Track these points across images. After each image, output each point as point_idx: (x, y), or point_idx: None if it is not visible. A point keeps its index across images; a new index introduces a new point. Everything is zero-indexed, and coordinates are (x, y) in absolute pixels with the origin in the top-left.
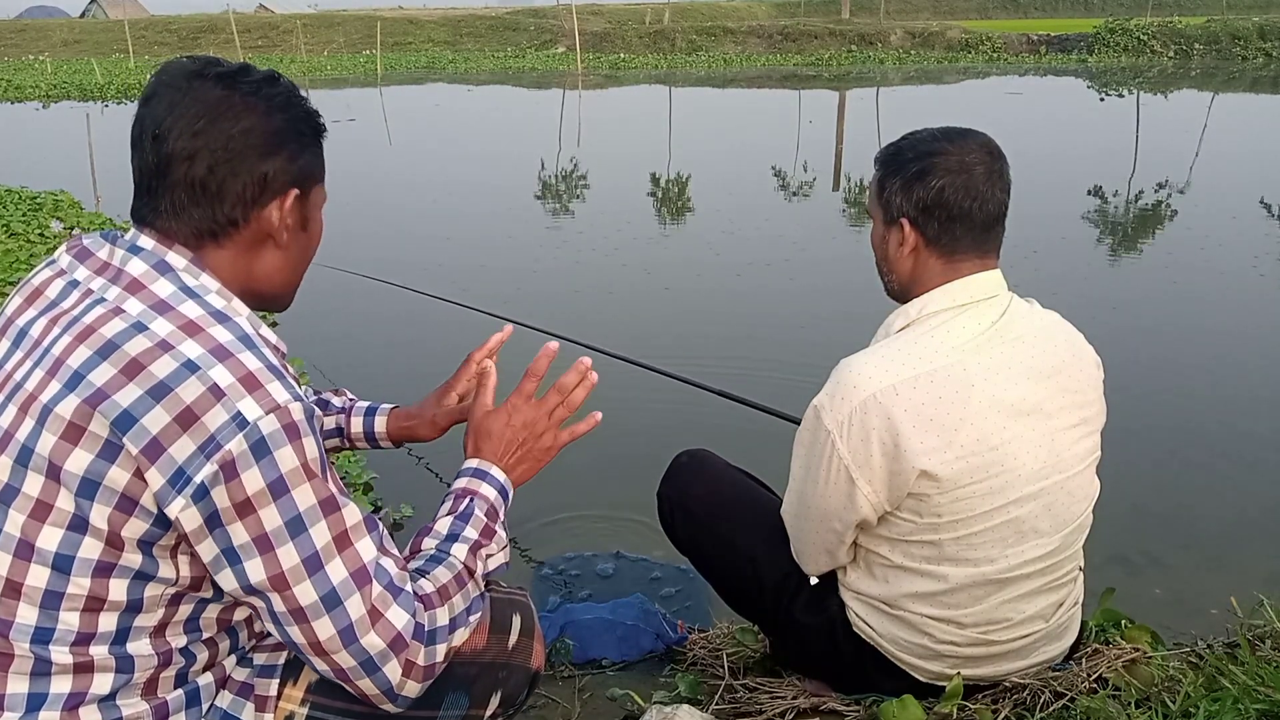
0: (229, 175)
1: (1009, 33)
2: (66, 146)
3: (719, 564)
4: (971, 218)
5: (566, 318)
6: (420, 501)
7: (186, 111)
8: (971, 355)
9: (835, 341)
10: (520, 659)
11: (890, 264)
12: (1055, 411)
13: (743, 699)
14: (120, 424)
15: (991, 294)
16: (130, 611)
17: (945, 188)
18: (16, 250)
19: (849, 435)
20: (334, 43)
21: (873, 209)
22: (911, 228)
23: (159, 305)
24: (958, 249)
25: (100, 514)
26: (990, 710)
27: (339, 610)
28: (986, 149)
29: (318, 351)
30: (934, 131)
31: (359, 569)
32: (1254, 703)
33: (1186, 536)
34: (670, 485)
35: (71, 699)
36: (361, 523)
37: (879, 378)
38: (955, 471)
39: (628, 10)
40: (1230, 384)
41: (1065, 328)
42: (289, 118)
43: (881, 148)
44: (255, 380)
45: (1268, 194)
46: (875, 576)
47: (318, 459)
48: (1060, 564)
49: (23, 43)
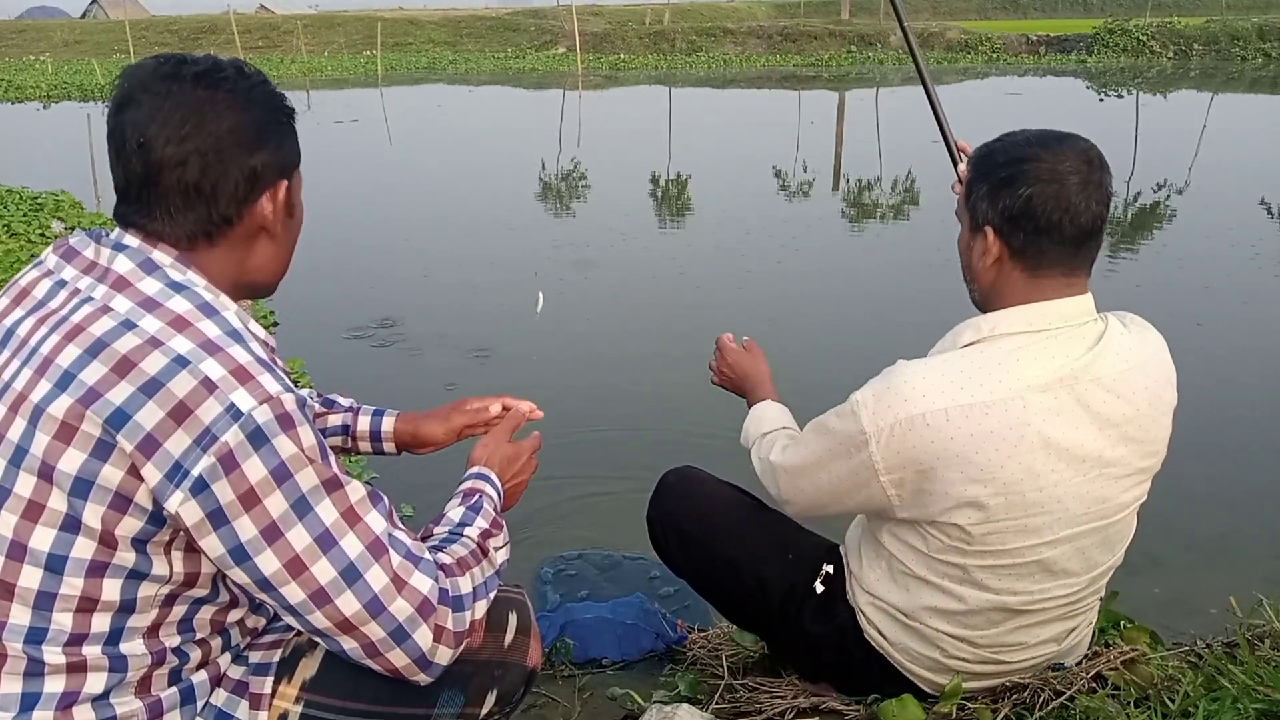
0: (220, 176)
1: (1008, 33)
2: (67, 147)
3: (719, 583)
4: (1061, 230)
5: (567, 312)
6: (420, 501)
7: (170, 117)
8: (1037, 393)
9: (834, 341)
10: (516, 657)
11: (973, 272)
12: (1114, 460)
13: (742, 698)
14: (113, 422)
15: (1077, 321)
16: (123, 612)
17: (1034, 197)
18: (17, 250)
19: (885, 444)
20: (334, 43)
21: (960, 214)
22: (996, 237)
23: (146, 302)
24: (1044, 263)
25: (93, 513)
26: (990, 710)
27: (360, 583)
28: (1084, 157)
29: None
30: (1030, 134)
31: (373, 540)
32: (1253, 702)
33: (1186, 536)
34: (660, 509)
35: (65, 698)
36: (366, 497)
37: (934, 397)
38: (991, 506)
39: (628, 11)
40: (1230, 384)
41: (1155, 366)
42: (266, 108)
43: (976, 147)
44: (246, 372)
45: (1268, 194)
46: (897, 583)
47: (315, 446)
48: (1084, 599)
49: (23, 43)
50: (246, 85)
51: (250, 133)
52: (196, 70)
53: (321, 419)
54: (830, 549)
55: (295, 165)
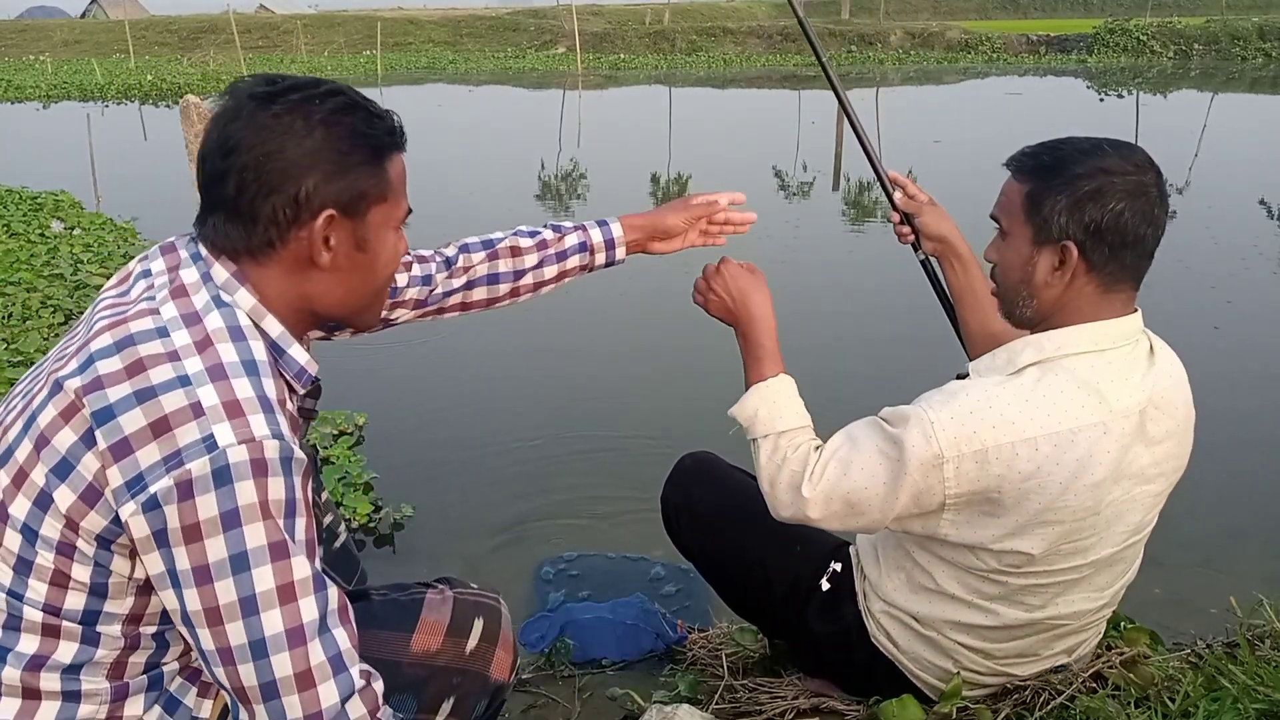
0: (258, 197)
1: (1009, 33)
2: (66, 146)
3: (726, 569)
4: (1144, 244)
5: (569, 307)
6: (420, 501)
7: (230, 134)
8: (1119, 419)
9: (835, 344)
10: (478, 666)
11: (1034, 288)
12: (1155, 477)
13: (743, 699)
14: (99, 417)
15: (1133, 339)
16: (95, 595)
17: (1125, 212)
18: (17, 250)
19: (963, 469)
20: (334, 43)
21: (1013, 225)
22: (1077, 252)
23: (190, 316)
24: (1120, 278)
25: (64, 497)
26: (990, 710)
27: (265, 663)
28: (1156, 168)
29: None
30: (1097, 143)
31: (296, 627)
32: (1253, 702)
33: (1186, 537)
34: (674, 489)
35: (34, 660)
36: (310, 580)
37: (1023, 425)
38: (1057, 533)
39: (628, 11)
40: (1229, 384)
41: (1185, 380)
42: (329, 135)
43: (1022, 154)
44: (239, 408)
45: (1267, 194)
46: (917, 595)
47: (282, 503)
48: (1104, 613)
49: (23, 43)
50: (312, 109)
51: (298, 158)
52: (269, 91)
53: (554, 244)
54: (838, 546)
55: (363, 198)
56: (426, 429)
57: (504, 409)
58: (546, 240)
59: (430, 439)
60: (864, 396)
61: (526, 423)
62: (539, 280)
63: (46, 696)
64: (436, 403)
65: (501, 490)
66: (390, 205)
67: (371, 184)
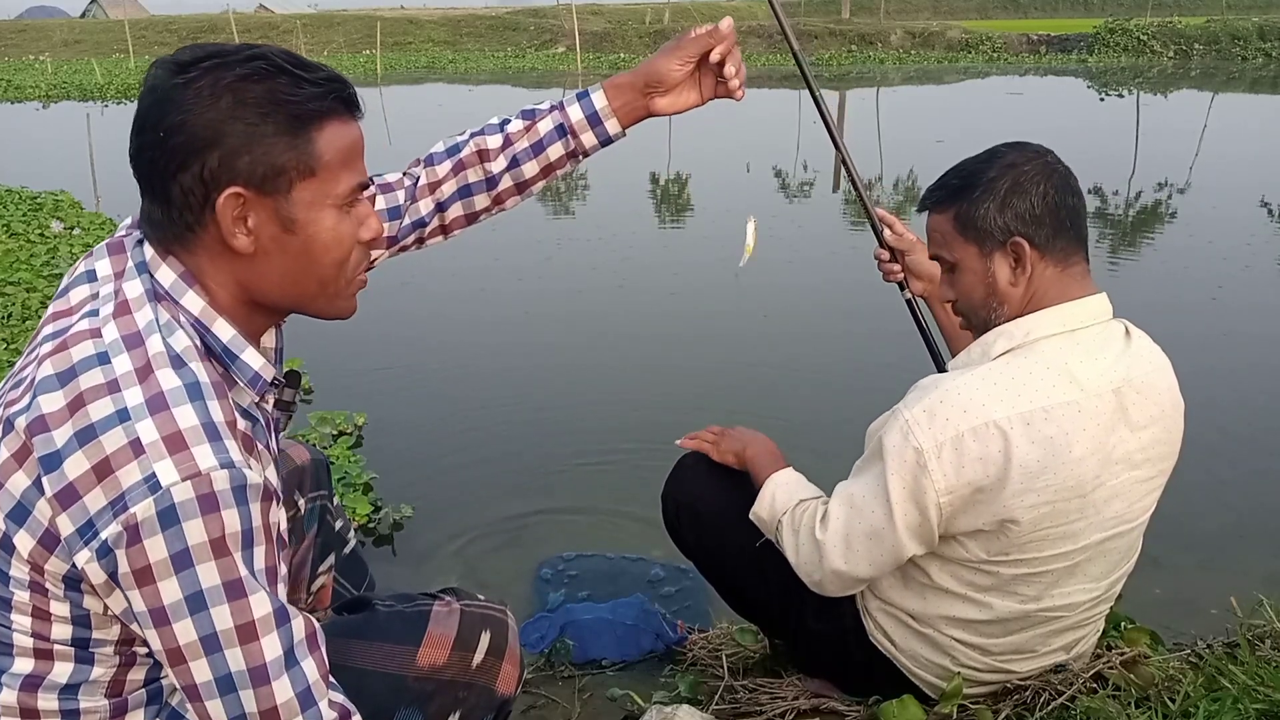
0: (167, 175)
1: (1009, 33)
2: (66, 146)
3: (725, 568)
4: (1077, 213)
5: (569, 307)
6: (420, 502)
7: (140, 109)
8: (1092, 398)
9: (834, 341)
10: (485, 680)
11: (1001, 295)
12: (1141, 462)
13: (743, 699)
14: (45, 463)
15: (1103, 319)
16: (81, 626)
17: (1048, 190)
18: (16, 250)
19: (945, 460)
20: (334, 43)
21: (956, 252)
22: (1026, 243)
23: (131, 338)
24: (1070, 250)
25: (24, 542)
26: (990, 710)
27: (233, 698)
28: (1050, 150)
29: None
30: (991, 150)
31: (259, 666)
32: (1253, 702)
33: (1186, 537)
34: (675, 487)
35: (30, 680)
36: (271, 616)
37: (992, 406)
38: (1039, 515)
39: (628, 10)
40: (1229, 385)
41: (1169, 368)
42: (237, 103)
43: (929, 191)
44: (182, 440)
45: (1268, 194)
46: (912, 590)
47: (238, 535)
48: (1099, 607)
49: (23, 43)
50: (220, 76)
51: (199, 130)
52: (178, 60)
53: (525, 136)
54: None
55: (280, 172)
56: (426, 429)
57: (504, 409)
58: (513, 135)
59: (430, 439)
60: (865, 397)
61: (527, 422)
62: (520, 181)
63: (45, 716)
64: (436, 402)
65: (501, 490)
66: (322, 180)
67: (289, 157)
